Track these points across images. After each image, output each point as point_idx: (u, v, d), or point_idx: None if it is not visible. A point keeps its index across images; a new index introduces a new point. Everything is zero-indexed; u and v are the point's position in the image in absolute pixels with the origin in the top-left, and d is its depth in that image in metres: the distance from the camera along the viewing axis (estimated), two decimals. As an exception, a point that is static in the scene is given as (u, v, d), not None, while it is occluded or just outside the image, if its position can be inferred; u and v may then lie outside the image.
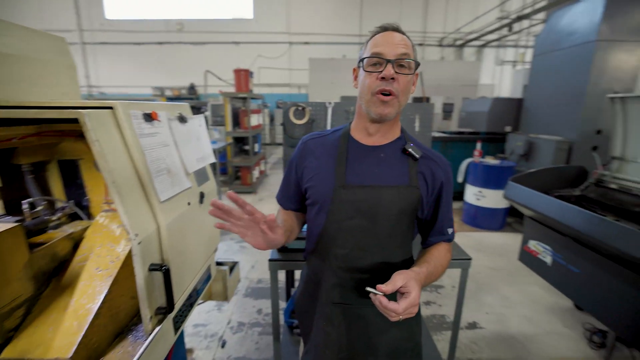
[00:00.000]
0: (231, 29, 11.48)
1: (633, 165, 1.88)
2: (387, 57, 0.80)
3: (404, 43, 0.82)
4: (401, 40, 0.82)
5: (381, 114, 0.83)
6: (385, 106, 0.82)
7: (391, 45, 0.81)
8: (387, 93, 0.81)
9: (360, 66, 0.87)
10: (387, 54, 0.80)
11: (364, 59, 0.84)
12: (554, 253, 1.86)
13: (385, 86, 0.81)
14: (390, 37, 0.82)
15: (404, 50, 0.81)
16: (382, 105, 0.82)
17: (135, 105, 1.02)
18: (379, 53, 0.81)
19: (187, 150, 1.27)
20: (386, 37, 0.83)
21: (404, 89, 0.83)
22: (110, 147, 0.90)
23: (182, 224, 1.14)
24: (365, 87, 0.84)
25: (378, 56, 0.81)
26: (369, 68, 0.83)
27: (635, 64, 3.46)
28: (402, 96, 0.83)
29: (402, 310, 0.69)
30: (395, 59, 0.80)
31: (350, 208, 0.87)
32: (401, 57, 0.80)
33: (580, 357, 2.04)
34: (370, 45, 0.84)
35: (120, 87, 11.83)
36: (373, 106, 0.84)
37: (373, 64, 0.82)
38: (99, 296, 1.03)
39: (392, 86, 0.81)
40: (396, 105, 0.83)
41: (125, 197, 0.90)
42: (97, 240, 1.19)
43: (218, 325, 2.33)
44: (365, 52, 0.86)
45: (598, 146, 3.61)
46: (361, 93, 0.87)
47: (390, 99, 0.82)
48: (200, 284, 1.33)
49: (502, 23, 8.90)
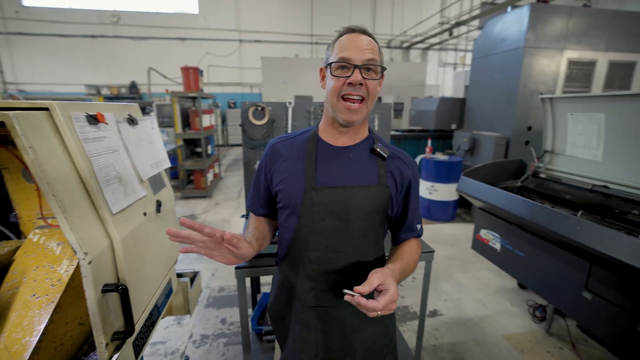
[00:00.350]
0: (175, 24, 10.79)
1: (561, 157, 2.13)
2: (354, 62, 0.79)
3: (371, 47, 0.81)
4: (368, 44, 0.81)
5: (349, 121, 0.84)
6: (352, 114, 0.83)
7: (359, 49, 0.80)
8: (356, 98, 0.81)
9: (327, 68, 0.85)
10: (354, 59, 0.79)
11: (331, 63, 0.82)
12: (502, 240, 2.05)
13: (353, 91, 0.81)
14: (358, 40, 0.81)
15: (371, 55, 0.80)
16: (349, 112, 0.82)
17: (76, 106, 0.89)
18: (347, 58, 0.80)
19: (140, 156, 1.15)
20: (353, 40, 0.81)
21: (372, 93, 0.83)
22: (48, 154, 0.78)
23: (139, 236, 1.03)
24: (332, 90, 0.83)
25: (345, 61, 0.80)
26: (337, 72, 0.82)
27: (554, 69, 3.94)
28: (370, 100, 0.84)
29: (382, 306, 0.69)
30: (362, 65, 0.79)
31: (322, 209, 0.86)
32: (368, 63, 0.80)
33: (526, 331, 2.27)
34: (338, 48, 0.82)
35: (46, 85, 10.44)
36: (339, 112, 0.83)
37: (340, 67, 0.81)
38: (38, 327, 0.90)
39: (360, 91, 0.81)
40: (364, 111, 0.84)
41: (69, 211, 0.79)
42: (32, 262, 1.03)
43: (179, 340, 2.17)
44: (332, 55, 0.84)
45: (529, 141, 4.06)
46: (328, 96, 0.85)
47: (358, 106, 0.82)
48: (161, 300, 1.22)
49: (442, 28, 9.57)
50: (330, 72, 0.83)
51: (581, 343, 2.15)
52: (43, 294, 0.95)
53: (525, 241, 1.88)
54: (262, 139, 1.98)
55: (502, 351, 2.10)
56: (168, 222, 1.32)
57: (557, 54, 3.89)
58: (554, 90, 3.99)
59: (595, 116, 1.85)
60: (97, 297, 0.84)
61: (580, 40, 3.89)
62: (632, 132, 1.71)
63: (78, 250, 0.79)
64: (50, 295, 0.95)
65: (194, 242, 0.73)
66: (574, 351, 2.08)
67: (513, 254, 1.98)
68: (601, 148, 1.87)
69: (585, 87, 4.06)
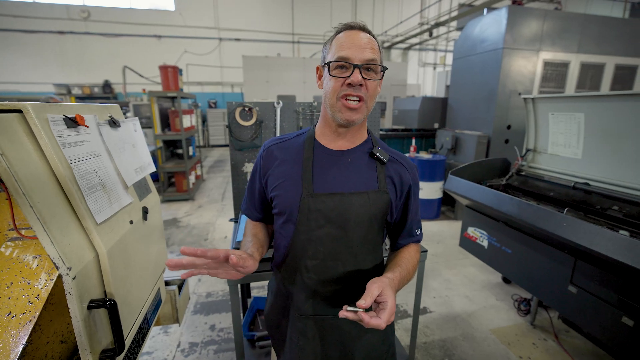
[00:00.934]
0: (151, 20, 10.41)
1: (543, 155, 2.21)
2: (354, 62, 0.76)
3: (370, 46, 0.78)
4: (368, 42, 0.78)
5: (348, 120, 0.79)
6: (352, 112, 0.79)
7: (358, 48, 0.76)
8: (355, 99, 0.78)
9: (325, 67, 0.82)
10: (354, 58, 0.76)
11: (329, 62, 0.78)
12: (490, 237, 2.09)
13: (353, 92, 0.77)
14: (357, 38, 0.77)
15: (371, 54, 0.77)
16: (349, 111, 0.78)
17: (53, 108, 0.82)
18: (346, 57, 0.76)
19: (123, 160, 1.08)
20: (353, 38, 0.77)
21: (372, 94, 0.79)
22: (22, 161, 0.71)
23: (126, 246, 0.97)
24: (331, 91, 0.79)
25: (344, 61, 0.76)
26: (335, 72, 0.78)
27: (531, 69, 4.09)
28: (370, 101, 0.80)
29: (385, 322, 0.67)
30: (362, 64, 0.76)
31: (319, 217, 0.83)
32: (369, 62, 0.76)
33: (512, 325, 2.34)
34: (336, 46, 0.78)
35: (10, 84, 9.81)
36: (339, 112, 0.80)
37: (339, 67, 0.78)
38: (15, 349, 0.82)
39: (360, 92, 0.77)
40: (364, 111, 0.80)
41: (49, 223, 0.72)
42: (5, 277, 0.94)
43: (166, 350, 2.08)
44: (330, 54, 0.80)
45: (509, 139, 4.19)
46: (326, 96, 0.82)
47: (358, 105, 0.78)
48: (150, 311, 1.15)
49: (422, 28, 9.75)
50: (328, 72, 0.79)
51: (563, 334, 2.24)
52: (20, 312, 0.87)
53: (512, 238, 1.93)
54: (249, 141, 1.93)
55: (490, 345, 2.15)
56: (155, 229, 1.25)
57: (533, 55, 4.03)
58: (531, 90, 4.14)
59: (575, 116, 1.93)
60: (83, 314, 0.77)
61: (555, 42, 4.06)
62: (610, 131, 1.78)
63: (61, 265, 0.72)
64: (27, 313, 0.87)
65: (196, 266, 0.69)
66: (557, 342, 2.16)
67: (500, 251, 2.03)
68: (581, 146, 1.94)
69: (559, 87, 4.24)
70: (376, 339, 0.93)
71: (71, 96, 8.25)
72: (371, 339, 0.93)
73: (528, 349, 2.12)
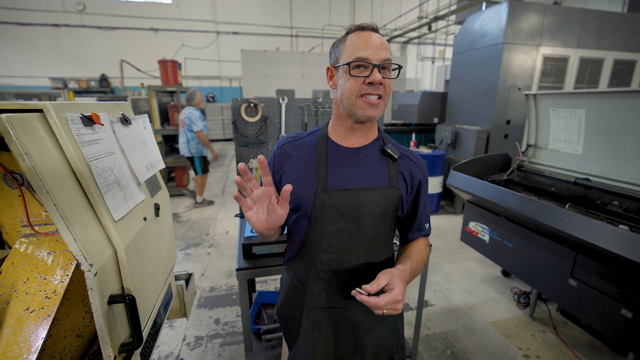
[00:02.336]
0: (147, 13, 10.28)
1: (544, 151, 2.24)
2: (373, 61, 0.78)
3: (385, 46, 0.81)
4: (382, 43, 0.81)
5: (369, 116, 0.82)
6: (373, 109, 0.82)
7: (375, 48, 0.79)
8: (375, 96, 0.81)
9: (338, 67, 0.84)
10: (372, 58, 0.78)
11: (349, 63, 0.81)
12: (491, 231, 2.13)
13: (373, 90, 0.80)
14: (372, 38, 0.80)
15: (387, 54, 0.80)
16: (370, 108, 0.81)
17: (70, 107, 0.83)
18: (365, 58, 0.79)
19: (135, 157, 1.09)
20: (367, 39, 0.80)
21: (388, 92, 0.83)
22: (45, 161, 0.72)
23: (141, 243, 0.99)
24: (349, 91, 0.81)
25: (364, 61, 0.79)
26: (355, 72, 0.80)
27: (531, 64, 4.10)
28: (386, 98, 0.84)
29: (384, 303, 0.71)
30: (380, 64, 0.79)
31: (333, 212, 0.86)
32: (385, 62, 0.80)
33: (511, 317, 2.39)
34: (352, 47, 0.81)
35: (4, 78, 9.68)
36: (359, 109, 0.82)
37: (357, 67, 0.80)
38: (36, 343, 0.84)
39: (380, 90, 0.80)
40: (382, 107, 0.84)
41: (72, 221, 0.74)
42: (21, 273, 0.96)
43: (172, 343, 2.11)
44: (345, 54, 0.82)
45: (508, 134, 4.22)
46: (343, 96, 0.84)
47: (378, 102, 0.81)
48: (163, 306, 1.18)
49: (421, 22, 9.70)
50: (348, 72, 0.81)
51: (561, 326, 2.29)
52: (38, 307, 0.89)
53: (513, 232, 1.96)
54: (254, 137, 1.94)
55: (490, 337, 2.20)
56: (166, 225, 1.26)
57: (533, 49, 4.04)
58: (530, 85, 4.16)
59: (576, 112, 1.95)
60: (104, 309, 0.79)
61: (554, 37, 4.07)
62: (610, 127, 1.81)
63: (83, 262, 0.74)
64: (45, 308, 0.89)
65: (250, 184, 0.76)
66: (555, 333, 2.21)
67: (502, 245, 2.07)
68: (581, 142, 1.97)
69: (559, 82, 4.26)
70: (387, 331, 0.96)
71: (69, 90, 8.16)
72: (382, 331, 0.96)
73: (527, 340, 2.17)
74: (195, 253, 3.38)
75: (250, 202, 0.77)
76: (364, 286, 0.72)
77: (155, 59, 5.23)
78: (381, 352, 0.96)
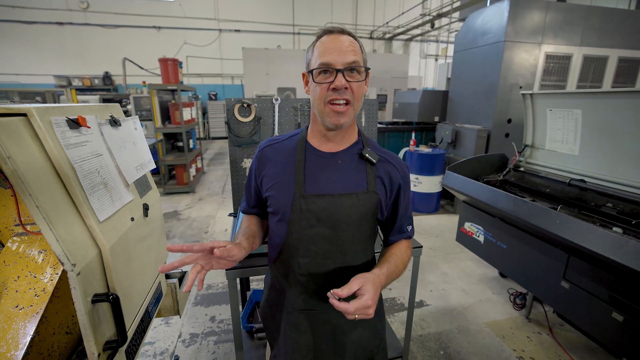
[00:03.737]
0: (150, 11, 10.31)
1: (541, 151, 2.22)
2: (336, 66, 0.77)
3: (352, 48, 0.79)
4: (349, 44, 0.79)
5: (336, 124, 0.82)
6: (339, 116, 0.81)
7: (339, 52, 0.77)
8: (342, 102, 0.80)
9: (310, 75, 0.83)
10: (336, 63, 0.77)
11: (312, 70, 0.80)
12: (485, 232, 2.12)
13: (339, 95, 0.79)
14: (338, 42, 0.78)
15: (353, 57, 0.78)
16: (336, 115, 0.81)
17: (56, 110, 0.85)
18: (328, 63, 0.77)
19: (124, 158, 1.11)
20: (333, 42, 0.79)
21: (358, 96, 0.81)
22: (28, 163, 0.73)
23: (128, 243, 1.00)
24: (317, 98, 0.81)
25: (327, 66, 0.78)
26: (319, 78, 0.80)
27: (533, 62, 4.05)
28: (356, 102, 0.82)
29: (353, 310, 0.71)
30: (345, 68, 0.77)
31: (310, 217, 0.86)
32: (351, 65, 0.78)
33: (507, 318, 2.39)
34: (318, 52, 0.80)
35: (9, 75, 9.77)
36: (327, 117, 0.82)
37: (322, 72, 0.79)
38: (24, 340, 0.86)
39: (346, 94, 0.79)
40: (351, 113, 0.82)
41: (55, 222, 0.75)
42: (12, 271, 0.98)
43: (167, 340, 2.14)
44: (312, 60, 0.82)
45: (509, 133, 4.18)
46: (314, 102, 0.84)
47: (345, 109, 0.80)
48: (152, 304, 1.20)
49: (424, 19, 9.62)
50: (312, 79, 0.81)
51: (558, 327, 2.28)
52: (27, 304, 0.91)
53: (507, 233, 1.96)
54: (248, 137, 1.95)
55: (484, 338, 2.20)
56: (156, 225, 1.28)
57: (535, 47, 4.00)
58: (532, 84, 4.12)
59: (572, 112, 1.93)
60: (88, 308, 0.81)
61: (557, 34, 4.02)
62: (607, 128, 1.79)
63: (66, 262, 0.75)
64: (34, 305, 0.92)
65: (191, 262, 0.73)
66: (551, 335, 2.20)
67: (496, 246, 2.06)
68: (578, 143, 1.95)
69: (561, 81, 4.21)
70: (367, 333, 0.97)
71: (72, 88, 8.23)
72: (362, 333, 0.96)
73: (522, 342, 2.17)
74: (194, 251, 3.40)
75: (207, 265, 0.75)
76: (334, 290, 0.73)
77: (157, 57, 5.25)
78: (361, 353, 0.97)
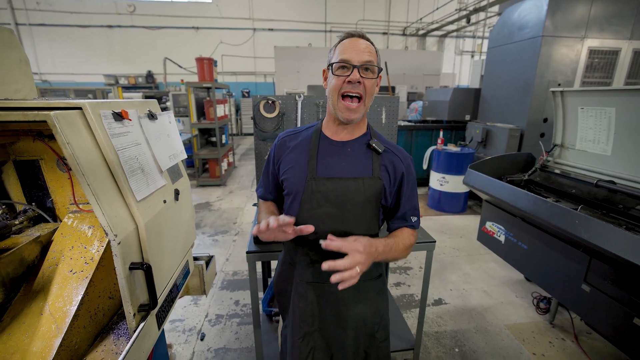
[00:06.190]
0: (189, 13, 10.88)
1: (571, 151, 2.12)
2: (353, 62, 0.89)
3: (368, 50, 0.91)
4: (366, 47, 0.91)
5: (348, 119, 0.94)
6: (351, 113, 0.93)
7: (357, 51, 0.90)
8: (355, 94, 0.91)
9: (330, 69, 0.95)
10: (353, 60, 0.89)
11: (332, 64, 0.93)
12: (507, 232, 2.08)
13: (352, 89, 0.91)
14: (357, 43, 0.91)
15: (368, 57, 0.90)
16: (348, 112, 0.93)
17: (104, 105, 0.99)
18: (347, 59, 0.90)
19: (159, 148, 1.25)
20: (353, 43, 0.91)
21: (369, 92, 0.93)
22: (82, 148, 0.88)
23: (160, 221, 1.14)
24: (333, 88, 0.93)
25: (346, 62, 0.90)
26: (337, 72, 0.92)
27: (574, 58, 3.82)
28: (367, 98, 0.94)
29: (341, 266, 0.80)
30: (360, 65, 0.89)
31: (320, 197, 0.98)
32: (366, 63, 0.90)
33: (529, 322, 2.32)
34: (339, 51, 0.93)
35: (67, 75, 10.79)
36: (339, 111, 0.94)
37: (341, 67, 0.91)
38: (76, 298, 1.02)
39: (359, 89, 0.91)
40: (362, 109, 0.94)
41: (101, 198, 0.89)
42: (67, 242, 1.16)
43: (195, 319, 2.33)
44: (333, 57, 0.94)
45: (544, 133, 3.98)
46: (330, 94, 0.96)
47: (356, 106, 0.92)
48: (179, 279, 1.34)
49: (460, 14, 9.28)
50: (331, 72, 0.93)
51: (584, 335, 2.19)
52: (79, 270, 1.08)
53: (528, 234, 1.91)
54: (272, 132, 2.06)
55: (503, 340, 2.16)
56: (185, 209, 1.43)
57: (577, 42, 3.76)
58: (572, 81, 3.88)
59: (605, 110, 1.84)
60: (126, 273, 0.95)
61: (603, 28, 3.75)
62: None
63: (109, 232, 0.89)
64: (84, 271, 1.08)
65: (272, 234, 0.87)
66: (576, 342, 2.12)
67: (517, 247, 2.01)
68: (610, 142, 1.85)
69: (607, 77, 3.92)
70: (368, 311, 1.07)
71: (118, 86, 8.93)
72: (363, 309, 1.06)
73: (544, 346, 2.10)
74: (223, 240, 3.62)
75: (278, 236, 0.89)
76: (329, 236, 0.84)
77: (195, 56, 5.57)
78: (362, 328, 1.06)
